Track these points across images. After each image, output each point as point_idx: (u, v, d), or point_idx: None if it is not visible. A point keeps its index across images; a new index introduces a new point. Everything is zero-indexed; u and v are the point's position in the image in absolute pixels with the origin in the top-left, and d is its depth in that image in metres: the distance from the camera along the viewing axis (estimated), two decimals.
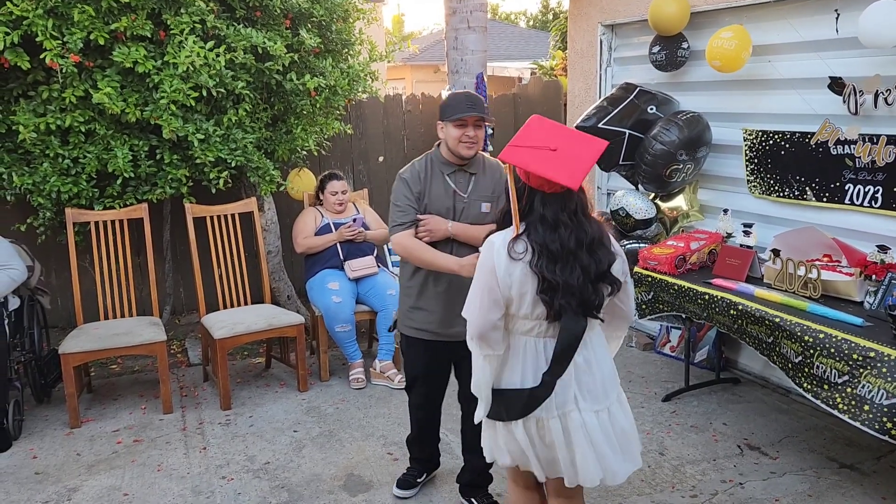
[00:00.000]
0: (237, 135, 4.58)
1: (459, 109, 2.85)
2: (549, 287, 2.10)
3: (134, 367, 5.02)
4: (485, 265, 2.17)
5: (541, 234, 2.11)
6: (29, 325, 4.24)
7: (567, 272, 2.10)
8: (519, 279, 2.12)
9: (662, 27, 4.54)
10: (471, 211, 3.00)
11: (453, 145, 2.90)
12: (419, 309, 3.04)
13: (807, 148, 3.94)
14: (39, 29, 3.96)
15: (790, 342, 3.15)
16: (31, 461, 3.70)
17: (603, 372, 2.25)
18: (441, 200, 2.98)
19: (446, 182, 2.99)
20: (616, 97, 4.75)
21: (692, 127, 4.39)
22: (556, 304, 2.10)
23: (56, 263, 5.48)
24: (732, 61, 4.06)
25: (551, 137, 2.13)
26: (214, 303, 4.71)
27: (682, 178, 4.51)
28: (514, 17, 35.00)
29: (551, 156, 2.09)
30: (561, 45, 11.67)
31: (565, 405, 2.19)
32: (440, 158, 3.01)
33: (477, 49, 6.06)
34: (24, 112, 4.19)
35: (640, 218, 4.66)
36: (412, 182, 2.97)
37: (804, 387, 3.08)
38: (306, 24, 4.86)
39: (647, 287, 4.06)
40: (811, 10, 3.91)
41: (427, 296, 3.02)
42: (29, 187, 4.35)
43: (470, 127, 2.87)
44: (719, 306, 3.58)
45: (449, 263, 2.83)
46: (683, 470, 3.48)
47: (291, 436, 3.92)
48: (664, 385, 4.46)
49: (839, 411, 2.90)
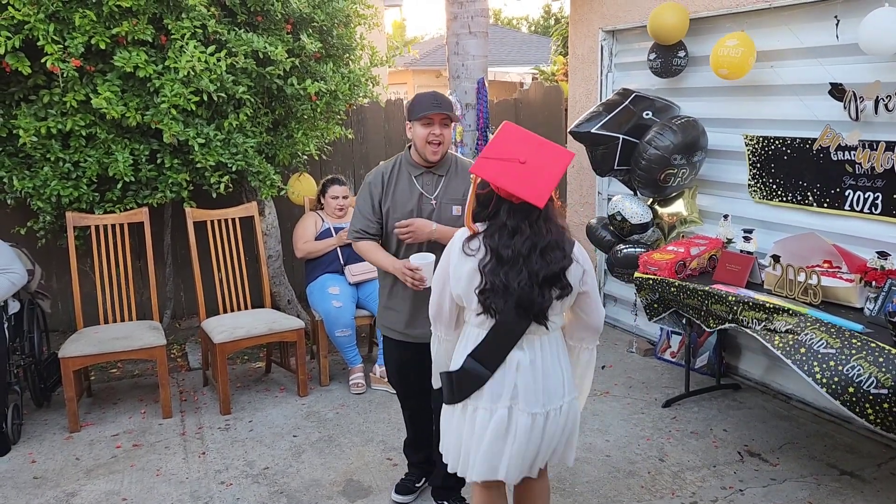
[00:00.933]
0: (238, 139, 4.58)
1: (425, 108, 2.87)
2: (492, 290, 2.20)
3: (134, 372, 5.02)
4: (446, 255, 2.33)
5: (496, 240, 2.21)
6: (29, 329, 4.24)
7: (512, 275, 2.18)
8: (467, 275, 2.24)
9: (662, 37, 4.54)
10: (442, 214, 2.98)
11: (420, 145, 2.92)
12: (390, 308, 3.10)
13: (808, 154, 3.94)
14: (41, 33, 3.97)
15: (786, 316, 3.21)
16: (30, 465, 3.69)
17: (549, 378, 2.29)
18: (404, 203, 2.98)
19: (412, 183, 2.99)
20: (611, 102, 4.76)
21: (687, 131, 4.40)
22: (489, 304, 2.20)
23: (56, 267, 5.48)
24: (739, 68, 4.07)
25: (521, 149, 2.21)
26: (215, 307, 4.71)
27: (678, 183, 4.52)
28: (516, 22, 35.06)
29: (520, 169, 2.17)
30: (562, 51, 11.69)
31: (498, 400, 2.25)
32: (408, 160, 3.02)
33: (478, 54, 6.07)
34: (24, 116, 4.20)
35: (637, 222, 4.66)
36: (373, 186, 3.01)
37: (775, 343, 3.10)
38: (307, 29, 4.87)
39: (649, 290, 4.06)
40: (811, 16, 3.91)
41: (396, 296, 3.06)
42: (29, 191, 4.35)
43: (437, 125, 2.88)
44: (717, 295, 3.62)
45: (385, 264, 2.97)
46: (683, 476, 3.47)
47: (291, 441, 3.92)
48: (664, 391, 4.46)
49: (815, 381, 2.87)
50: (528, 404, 2.25)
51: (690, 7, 4.57)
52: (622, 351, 5.19)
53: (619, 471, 3.52)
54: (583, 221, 5.69)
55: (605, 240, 4.94)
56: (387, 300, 3.11)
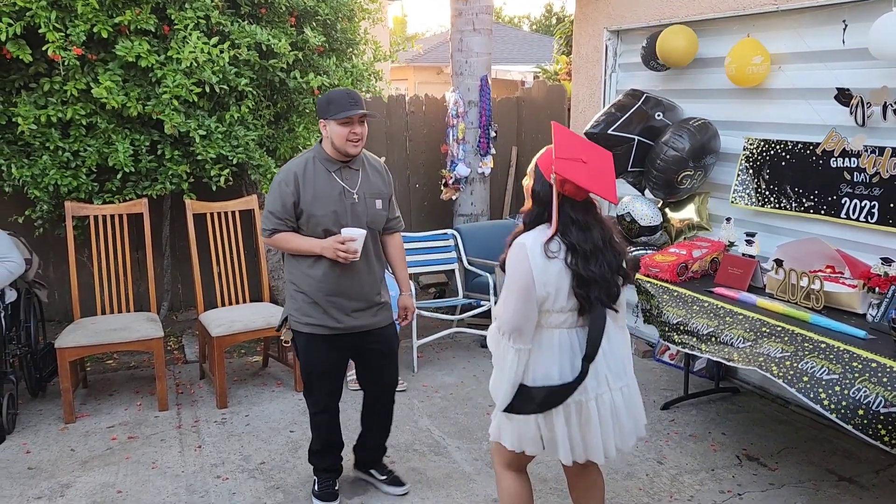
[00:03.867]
0: (239, 132, 4.56)
1: (344, 108, 2.86)
2: (584, 282, 2.29)
3: (130, 363, 4.99)
4: (519, 265, 2.29)
5: (574, 235, 2.30)
6: (25, 319, 4.21)
7: (596, 268, 2.30)
8: (556, 276, 2.29)
9: (672, 61, 4.56)
10: (365, 209, 3.00)
11: (340, 143, 2.90)
12: (315, 304, 3.00)
13: (807, 159, 3.92)
14: (42, 20, 3.94)
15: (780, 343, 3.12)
16: (25, 456, 3.67)
17: (622, 353, 2.46)
18: (327, 199, 2.94)
19: (332, 178, 2.96)
20: (624, 104, 4.75)
21: (703, 133, 4.39)
22: (592, 297, 2.30)
23: (54, 256, 5.45)
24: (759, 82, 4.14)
25: (579, 148, 2.32)
26: (213, 300, 4.68)
27: (692, 185, 4.51)
28: (517, 20, 35.01)
29: (587, 168, 2.29)
30: (565, 50, 11.66)
31: (599, 387, 2.38)
32: (324, 156, 2.98)
33: (482, 51, 6.05)
34: (24, 104, 4.17)
35: (646, 224, 4.65)
36: (285, 184, 2.93)
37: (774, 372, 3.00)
38: (311, 23, 4.85)
39: (646, 296, 4.04)
40: (819, 20, 3.90)
41: (327, 287, 2.98)
42: (27, 179, 4.32)
43: (356, 124, 2.90)
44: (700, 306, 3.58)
45: (311, 245, 2.92)
46: (682, 479, 3.46)
47: (287, 436, 3.89)
48: (663, 393, 4.44)
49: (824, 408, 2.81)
50: (615, 381, 2.41)
51: (697, 9, 4.55)
52: None
53: (616, 472, 3.51)
54: None
55: None
56: (313, 294, 2.99)
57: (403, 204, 6.69)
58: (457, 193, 6.21)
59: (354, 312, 3.03)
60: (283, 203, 2.94)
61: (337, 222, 2.94)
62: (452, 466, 3.58)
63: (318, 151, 3.00)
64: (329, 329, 3.02)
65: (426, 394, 4.47)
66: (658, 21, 4.88)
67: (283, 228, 2.97)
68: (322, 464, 3.27)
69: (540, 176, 2.35)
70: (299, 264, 3.01)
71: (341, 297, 3.00)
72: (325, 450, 3.26)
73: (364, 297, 3.05)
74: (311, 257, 2.97)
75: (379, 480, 3.36)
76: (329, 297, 2.99)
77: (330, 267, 2.95)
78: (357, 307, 3.04)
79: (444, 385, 4.62)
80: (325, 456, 3.27)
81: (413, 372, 4.79)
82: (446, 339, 5.37)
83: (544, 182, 2.32)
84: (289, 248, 2.99)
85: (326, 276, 2.97)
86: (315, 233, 2.96)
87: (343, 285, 2.99)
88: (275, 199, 2.96)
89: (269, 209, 2.97)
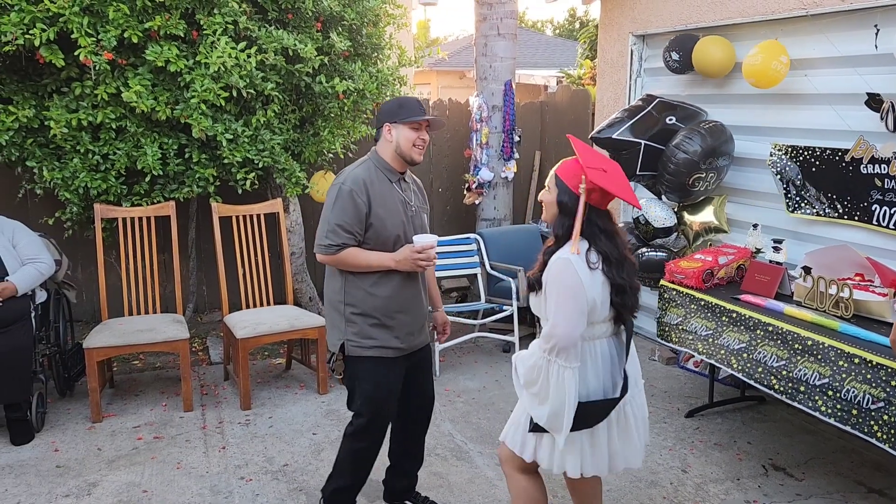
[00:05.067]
0: (265, 136, 4.60)
1: (416, 112, 2.76)
2: (621, 290, 2.33)
3: (156, 364, 5.05)
4: (570, 281, 2.27)
5: (605, 243, 2.33)
6: (55, 319, 4.28)
7: (625, 274, 2.35)
8: (601, 286, 2.32)
9: (710, 72, 4.53)
10: (421, 222, 2.91)
11: (406, 148, 2.76)
12: (383, 326, 2.79)
13: (837, 165, 3.87)
14: (75, 26, 4.00)
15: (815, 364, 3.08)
16: (53, 454, 3.72)
17: (635, 354, 2.53)
18: (396, 212, 2.79)
19: (394, 190, 2.81)
20: (634, 108, 4.79)
21: (715, 136, 4.37)
22: (629, 304, 2.36)
23: (83, 258, 5.53)
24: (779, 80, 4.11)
25: (596, 159, 2.35)
26: (237, 302, 4.73)
27: (706, 188, 4.48)
28: (540, 24, 34.96)
29: (611, 177, 2.32)
30: (590, 54, 11.62)
31: (632, 390, 2.43)
32: (384, 165, 2.81)
33: (506, 56, 6.04)
34: (56, 108, 4.24)
35: (659, 226, 4.64)
36: (358, 195, 2.70)
37: (822, 410, 3.02)
38: (337, 28, 4.87)
39: (670, 304, 4.01)
40: (850, 24, 3.85)
41: (395, 305, 2.80)
42: (58, 182, 4.39)
43: (423, 130, 2.80)
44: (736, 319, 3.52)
45: (384, 259, 2.73)
46: (706, 488, 3.42)
47: (310, 438, 3.91)
48: (687, 401, 4.40)
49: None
50: (638, 381, 2.51)
51: (724, 13, 4.51)
52: (644, 359, 5.14)
53: (640, 481, 3.48)
54: None
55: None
56: (380, 315, 2.78)
57: None
58: (480, 198, 6.21)
59: (416, 331, 2.89)
60: (356, 214, 2.69)
61: (405, 235, 2.79)
62: (475, 472, 3.57)
63: (376, 160, 2.82)
64: (396, 350, 2.83)
65: (448, 398, 4.47)
66: (684, 26, 4.85)
67: (352, 243, 2.72)
68: (346, 502, 3.03)
69: (565, 187, 2.33)
70: (360, 284, 2.77)
71: (407, 314, 2.83)
72: (355, 487, 3.01)
73: (422, 314, 2.93)
74: (374, 275, 2.76)
75: None
76: (397, 315, 2.80)
77: (400, 284, 2.79)
78: (418, 325, 2.90)
79: (467, 390, 4.62)
80: (352, 493, 3.02)
81: (435, 376, 4.79)
82: (468, 344, 5.37)
83: (570, 193, 2.31)
84: (356, 264, 2.74)
85: (395, 294, 2.78)
86: (386, 247, 2.76)
87: (408, 303, 2.83)
88: (345, 209, 2.69)
89: (336, 222, 2.69)
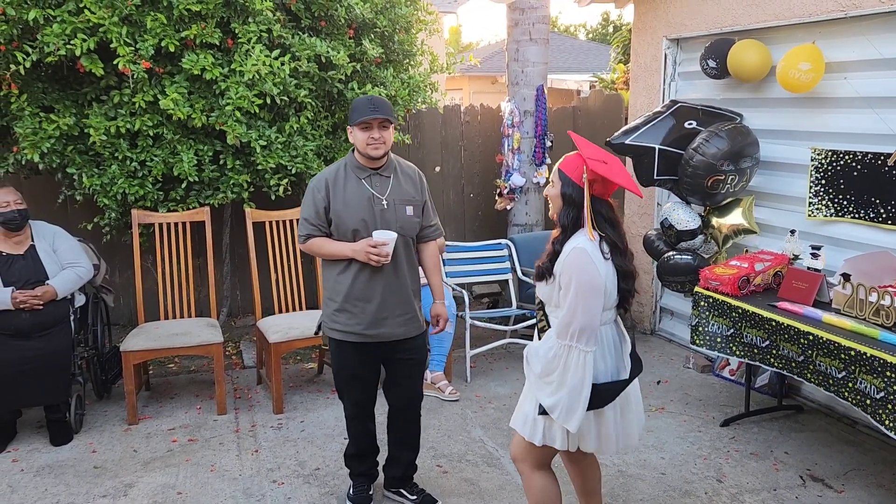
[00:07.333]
0: (298, 142, 4.64)
1: (363, 112, 2.93)
2: (627, 276, 2.46)
3: (190, 367, 5.12)
4: (588, 270, 2.38)
5: (610, 231, 2.44)
6: (93, 322, 4.37)
7: (629, 262, 2.48)
8: (611, 274, 2.43)
9: (745, 76, 4.48)
10: (395, 215, 3.04)
11: (362, 147, 2.98)
12: (345, 311, 3.05)
13: (879, 170, 3.78)
14: (114, 36, 4.09)
15: (870, 377, 3.00)
16: (91, 455, 3.79)
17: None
18: (358, 207, 3.00)
19: (361, 185, 3.03)
20: (653, 114, 4.81)
21: (734, 138, 4.31)
22: (633, 290, 2.48)
23: (120, 262, 5.64)
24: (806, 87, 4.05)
25: (597, 152, 2.43)
26: (270, 307, 4.77)
27: (728, 190, 4.42)
28: (573, 29, 34.80)
29: (612, 168, 2.39)
30: (623, 59, 11.55)
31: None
32: (355, 163, 3.07)
33: (538, 61, 6.03)
34: (96, 115, 4.34)
35: (682, 228, 4.61)
36: (317, 191, 3.04)
37: (887, 424, 2.92)
38: (369, 35, 4.91)
39: (708, 311, 3.94)
40: (891, 25, 3.76)
41: (358, 292, 3.03)
42: (97, 188, 4.49)
43: (375, 129, 2.95)
44: (787, 334, 3.44)
45: (343, 249, 2.99)
46: (742, 499, 3.36)
47: (342, 443, 3.93)
48: (723, 409, 4.33)
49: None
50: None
51: (760, 16, 4.45)
52: (678, 366, 5.07)
53: (674, 490, 3.43)
54: (640, 232, 5.58)
55: (659, 250, 4.85)
56: (342, 301, 3.04)
57: (458, 213, 6.71)
58: (511, 203, 6.19)
59: (381, 320, 3.04)
60: (315, 209, 3.04)
61: (366, 228, 2.99)
62: (505, 478, 3.55)
63: (349, 159, 3.10)
64: (357, 336, 3.05)
65: (479, 404, 4.46)
66: (719, 29, 4.79)
67: (317, 234, 3.06)
68: (358, 468, 3.31)
69: (568, 179, 2.44)
70: (331, 271, 3.08)
71: (368, 303, 3.02)
72: (360, 455, 3.30)
73: (391, 305, 3.05)
74: (342, 264, 3.03)
75: (409, 500, 3.30)
76: (356, 302, 3.02)
77: (358, 273, 3.00)
78: (383, 315, 3.04)
79: (498, 396, 4.60)
80: (360, 460, 3.31)
81: (466, 382, 4.79)
82: (499, 350, 5.35)
83: (574, 185, 2.42)
84: (322, 252, 3.08)
85: (354, 282, 3.02)
86: (346, 238, 3.02)
87: (370, 292, 3.02)
88: (308, 205, 3.07)
89: (303, 216, 3.09)
